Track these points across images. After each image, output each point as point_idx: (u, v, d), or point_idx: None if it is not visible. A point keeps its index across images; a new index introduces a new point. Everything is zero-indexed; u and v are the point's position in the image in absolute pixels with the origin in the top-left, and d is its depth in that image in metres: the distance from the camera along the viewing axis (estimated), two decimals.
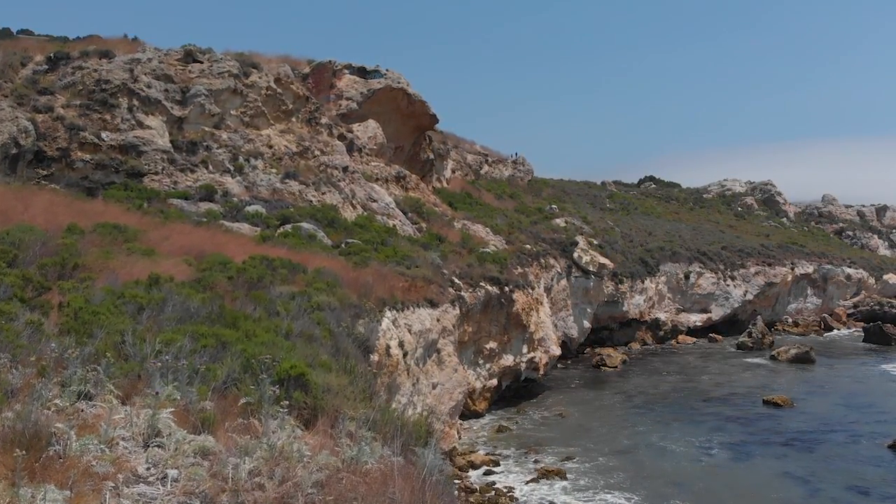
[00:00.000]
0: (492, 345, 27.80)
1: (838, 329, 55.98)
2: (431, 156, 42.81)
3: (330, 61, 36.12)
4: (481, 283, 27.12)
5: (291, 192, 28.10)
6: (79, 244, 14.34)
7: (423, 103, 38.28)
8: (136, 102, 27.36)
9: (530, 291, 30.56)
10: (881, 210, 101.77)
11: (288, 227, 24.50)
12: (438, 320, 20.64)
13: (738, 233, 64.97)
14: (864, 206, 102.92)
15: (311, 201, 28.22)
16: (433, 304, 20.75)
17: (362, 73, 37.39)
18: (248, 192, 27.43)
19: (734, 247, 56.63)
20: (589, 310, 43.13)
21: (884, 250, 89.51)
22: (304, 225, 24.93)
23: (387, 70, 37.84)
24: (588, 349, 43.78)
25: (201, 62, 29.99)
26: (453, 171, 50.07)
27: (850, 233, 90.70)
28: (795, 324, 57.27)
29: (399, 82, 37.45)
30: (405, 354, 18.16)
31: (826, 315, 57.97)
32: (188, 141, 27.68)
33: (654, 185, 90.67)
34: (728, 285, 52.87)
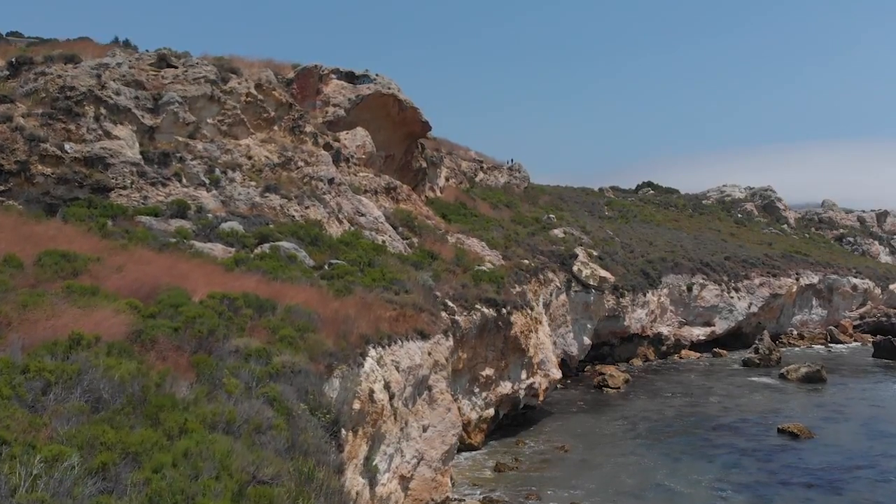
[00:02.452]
0: (488, 371, 25.81)
1: (845, 342, 54.16)
2: (424, 164, 40.84)
3: (316, 66, 34.09)
4: (477, 306, 25.14)
5: (272, 207, 26.08)
6: (11, 282, 12.33)
7: (415, 110, 36.29)
8: (103, 111, 25.29)
9: (529, 311, 28.59)
10: (881, 216, 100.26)
11: (266, 246, 22.47)
12: (430, 354, 18.65)
13: (740, 241, 63.13)
14: (864, 211, 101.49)
15: (293, 216, 26.20)
16: (424, 336, 18.75)
17: (350, 77, 35.38)
18: (225, 208, 25.39)
19: (737, 257, 54.78)
20: (589, 325, 41.18)
21: (885, 257, 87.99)
22: (284, 244, 22.91)
23: (376, 75, 35.84)
24: (588, 367, 41.84)
25: (176, 67, 27.96)
26: (447, 180, 48.10)
27: (851, 239, 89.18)
28: (801, 336, 55.47)
29: (389, 87, 35.44)
30: (392, 397, 16.16)
31: (832, 327, 56.15)
32: (160, 152, 25.63)
33: (652, 192, 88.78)
34: (732, 297, 50.99)
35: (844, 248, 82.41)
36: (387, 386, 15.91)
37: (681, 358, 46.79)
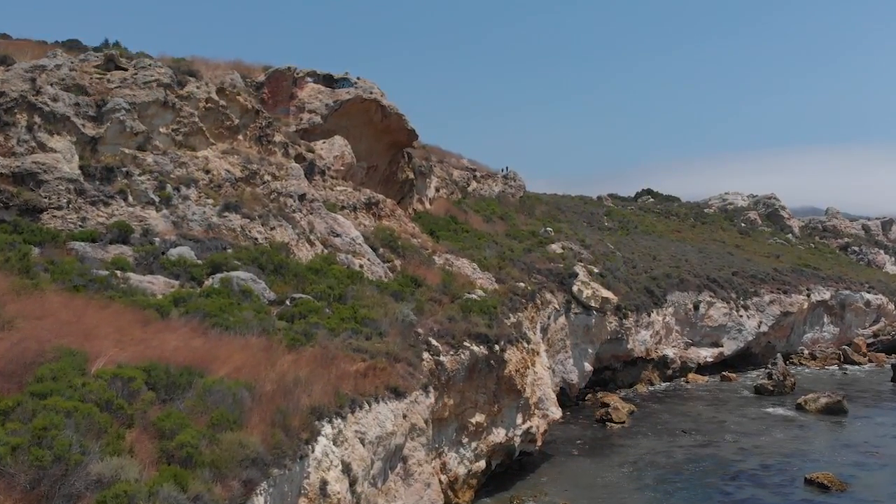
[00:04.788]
0: (478, 418, 22.58)
1: (860, 363, 50.97)
2: (411, 175, 37.64)
3: (289, 68, 30.85)
4: (465, 343, 21.89)
5: (231, 229, 22.85)
6: None
7: (400, 117, 33.09)
8: (37, 119, 22.05)
9: (525, 345, 25.39)
10: (887, 224, 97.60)
11: (217, 279, 19.24)
12: (405, 416, 15.42)
13: (746, 254, 60.08)
14: (868, 219, 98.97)
15: (255, 239, 22.98)
16: (398, 394, 15.53)
17: (328, 81, 32.18)
18: (176, 230, 22.14)
19: (746, 272, 51.68)
20: (590, 350, 37.99)
21: (890, 266, 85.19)
22: (239, 275, 19.66)
23: (357, 78, 32.62)
24: (589, 395, 38.63)
25: (125, 69, 24.72)
26: (437, 190, 44.86)
27: (856, 248, 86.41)
28: (812, 356, 52.33)
29: (371, 92, 32.24)
30: (354, 482, 12.92)
31: (846, 346, 53.02)
32: (103, 166, 22.37)
33: (651, 199, 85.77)
34: (741, 316, 47.84)
35: (850, 258, 79.71)
36: (347, 469, 12.67)
37: (687, 382, 43.61)
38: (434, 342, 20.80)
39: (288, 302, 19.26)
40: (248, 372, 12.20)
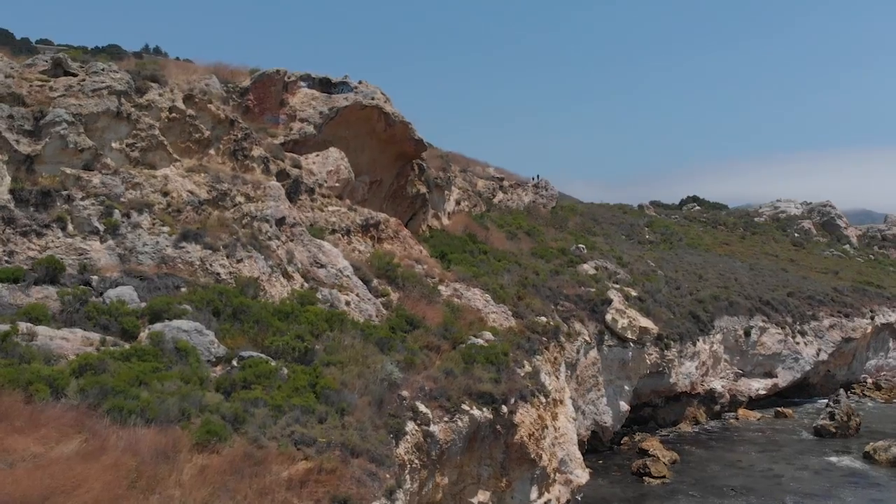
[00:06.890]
0: (481, 497, 18.52)
1: None
2: (423, 189, 33.66)
3: (278, 71, 27.10)
4: (464, 406, 17.86)
5: (188, 262, 19.17)
6: None
7: (406, 125, 29.16)
8: None
9: (542, 399, 21.24)
10: None
11: (151, 331, 15.54)
12: None
13: (802, 270, 54.73)
14: None
15: (217, 274, 19.27)
16: None
17: (325, 85, 28.43)
18: (122, 265, 18.55)
19: (802, 293, 46.48)
20: (627, 387, 33.58)
21: None
22: (180, 326, 15.94)
23: (359, 82, 28.80)
24: (625, 437, 34.20)
25: (75, 75, 21.27)
26: (458, 203, 40.87)
27: None
28: (877, 386, 46.90)
29: (373, 98, 28.35)
30: None
31: None
32: (39, 190, 18.88)
33: (697, 207, 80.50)
34: (797, 343, 42.78)
35: None
36: None
37: (737, 419, 38.81)
38: (423, 408, 16.79)
39: (235, 362, 15.48)
40: None
